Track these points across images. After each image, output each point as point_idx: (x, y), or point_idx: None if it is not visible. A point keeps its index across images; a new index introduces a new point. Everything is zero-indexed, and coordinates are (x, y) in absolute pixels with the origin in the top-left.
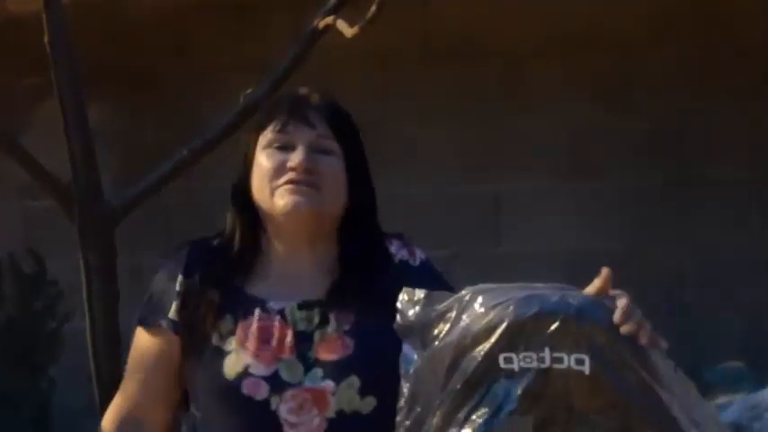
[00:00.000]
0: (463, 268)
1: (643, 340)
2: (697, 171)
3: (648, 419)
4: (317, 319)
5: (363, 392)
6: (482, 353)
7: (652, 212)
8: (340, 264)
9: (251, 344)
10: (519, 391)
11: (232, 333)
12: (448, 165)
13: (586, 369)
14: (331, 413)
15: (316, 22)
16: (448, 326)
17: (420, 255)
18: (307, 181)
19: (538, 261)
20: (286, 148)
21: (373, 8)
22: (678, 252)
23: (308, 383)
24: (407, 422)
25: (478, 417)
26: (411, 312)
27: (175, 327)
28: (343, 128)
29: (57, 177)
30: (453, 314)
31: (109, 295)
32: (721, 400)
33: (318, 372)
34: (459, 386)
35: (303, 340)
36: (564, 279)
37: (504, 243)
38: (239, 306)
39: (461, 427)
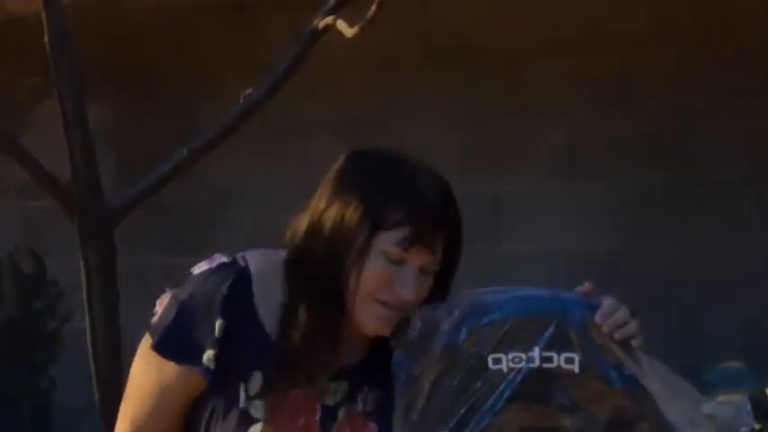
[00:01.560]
0: (463, 268)
1: (616, 336)
2: (697, 171)
3: (637, 413)
4: (344, 393)
5: None
6: (471, 355)
7: (652, 212)
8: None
9: (279, 417)
10: (508, 392)
11: (260, 396)
12: (447, 165)
13: (576, 367)
14: None
15: (316, 22)
16: (439, 331)
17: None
18: (403, 309)
19: (538, 261)
20: (399, 263)
21: (373, 8)
22: (678, 252)
23: None
24: (404, 428)
25: (468, 418)
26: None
27: (208, 375)
28: (454, 245)
29: (57, 177)
30: (444, 319)
31: (109, 295)
32: (721, 399)
33: None
34: (449, 388)
35: (328, 416)
36: (563, 279)
37: (503, 243)
38: (271, 363)
39: (452, 429)
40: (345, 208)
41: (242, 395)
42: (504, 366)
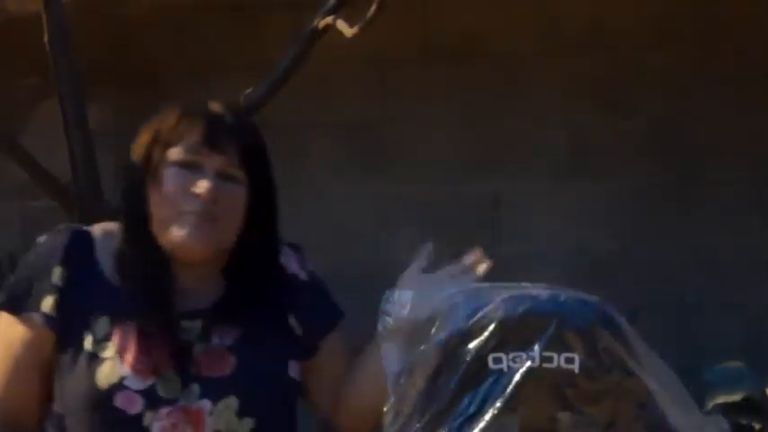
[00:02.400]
0: None
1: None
2: (697, 171)
3: (635, 411)
4: (199, 331)
5: (242, 413)
6: (471, 354)
7: (651, 212)
8: (228, 276)
9: (129, 353)
10: (508, 391)
11: (108, 338)
12: (447, 165)
13: (576, 368)
14: None
15: (315, 22)
16: (434, 327)
17: (309, 265)
18: (208, 212)
19: (537, 260)
20: (192, 168)
21: (373, 8)
22: (677, 252)
23: (183, 401)
24: (395, 425)
25: (468, 418)
26: (394, 314)
27: (50, 322)
28: (254, 156)
29: (56, 177)
30: (440, 315)
31: None
32: (721, 399)
33: (196, 388)
34: (447, 388)
35: (184, 353)
36: (563, 278)
37: (503, 242)
38: (117, 308)
39: (451, 428)
40: (139, 141)
41: (89, 339)
42: (504, 366)
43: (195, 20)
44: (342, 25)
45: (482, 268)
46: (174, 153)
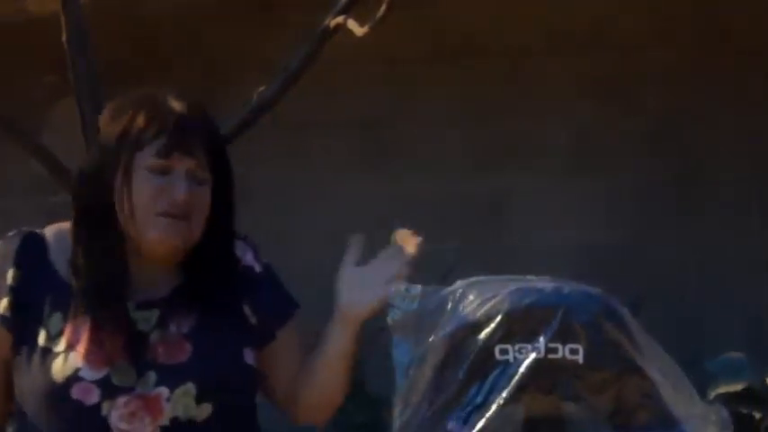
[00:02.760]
0: (468, 262)
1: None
2: (698, 168)
3: (638, 401)
4: (155, 320)
5: (200, 399)
6: (478, 345)
7: (653, 208)
8: (184, 267)
9: (82, 345)
10: (514, 382)
11: (61, 333)
12: (455, 161)
13: (580, 358)
14: (165, 420)
15: (327, 22)
16: (442, 319)
17: (265, 261)
18: (181, 213)
19: (541, 255)
20: (164, 172)
21: (383, 8)
22: (678, 247)
23: (140, 389)
24: (403, 416)
25: (475, 407)
26: (404, 306)
27: (6, 323)
28: (218, 156)
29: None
30: (448, 307)
31: None
32: (722, 389)
33: (152, 376)
34: (455, 378)
35: (139, 342)
36: (567, 272)
37: (508, 237)
38: (70, 304)
39: (458, 418)
40: (103, 143)
41: (42, 335)
42: (510, 357)
43: (210, 20)
44: (352, 24)
45: (412, 246)
46: (146, 158)
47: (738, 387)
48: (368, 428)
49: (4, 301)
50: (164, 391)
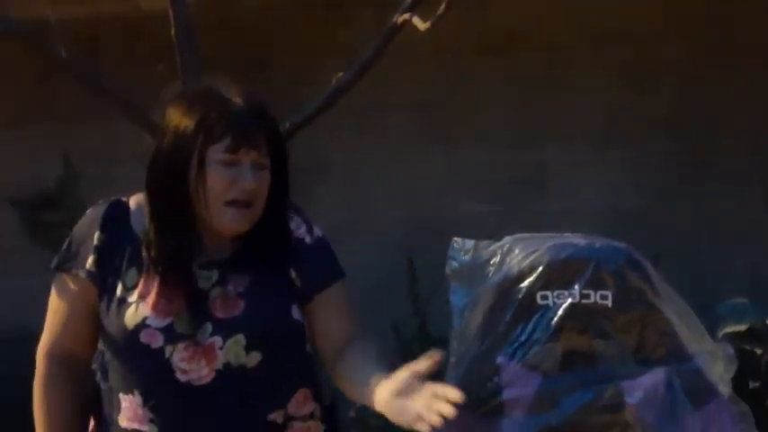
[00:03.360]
0: (514, 222)
1: None
2: (707, 144)
3: (658, 339)
4: (215, 279)
5: (249, 348)
6: (522, 292)
7: (670, 178)
8: (244, 234)
9: (151, 297)
10: (553, 323)
11: (135, 286)
12: (502, 137)
13: (609, 302)
14: (219, 365)
15: (395, 18)
16: (491, 269)
17: (317, 232)
18: (248, 201)
19: (577, 216)
20: (233, 164)
21: (442, 7)
22: (692, 209)
23: (198, 337)
24: (459, 353)
25: (520, 344)
26: (460, 258)
27: (92, 277)
28: (276, 143)
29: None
30: (497, 259)
31: None
32: (729, 329)
33: (208, 327)
34: (503, 320)
35: (200, 297)
36: (597, 231)
37: (549, 201)
38: (144, 260)
39: (506, 353)
40: (179, 133)
41: (119, 287)
42: (549, 302)
43: (296, 17)
44: (417, 21)
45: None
46: (217, 152)
47: (742, 327)
48: None
49: (91, 259)
50: (217, 340)
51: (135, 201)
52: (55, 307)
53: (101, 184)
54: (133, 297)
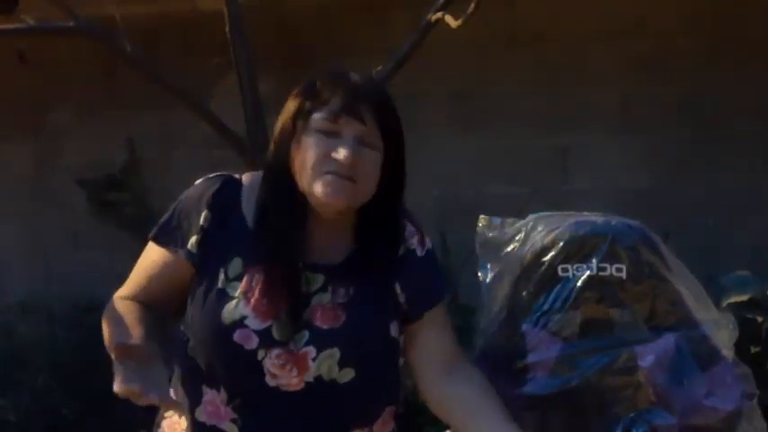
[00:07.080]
0: (538, 202)
1: None
2: (715, 129)
3: (668, 308)
4: (320, 284)
5: (342, 364)
6: (544, 265)
7: (681, 160)
8: (353, 239)
9: (253, 296)
10: (573, 293)
11: (239, 278)
12: (528, 123)
13: (624, 275)
14: (310, 377)
15: (429, 17)
16: (517, 244)
17: (428, 244)
18: (347, 174)
19: (595, 196)
20: (333, 134)
21: (472, 6)
22: (701, 190)
23: (292, 346)
24: (487, 321)
25: (543, 313)
26: (488, 234)
27: (192, 258)
28: (390, 126)
29: (235, 132)
30: (521, 235)
31: None
32: (732, 300)
33: (305, 335)
34: (527, 291)
35: (301, 302)
36: (613, 210)
37: (570, 182)
38: (251, 251)
39: (529, 321)
40: (287, 106)
41: (221, 277)
42: (570, 274)
43: (339, 16)
44: (449, 19)
45: None
46: (316, 121)
47: (744, 298)
48: (460, 330)
49: (194, 239)
50: (311, 350)
51: (249, 180)
52: (144, 268)
53: (161, 167)
54: (235, 292)
